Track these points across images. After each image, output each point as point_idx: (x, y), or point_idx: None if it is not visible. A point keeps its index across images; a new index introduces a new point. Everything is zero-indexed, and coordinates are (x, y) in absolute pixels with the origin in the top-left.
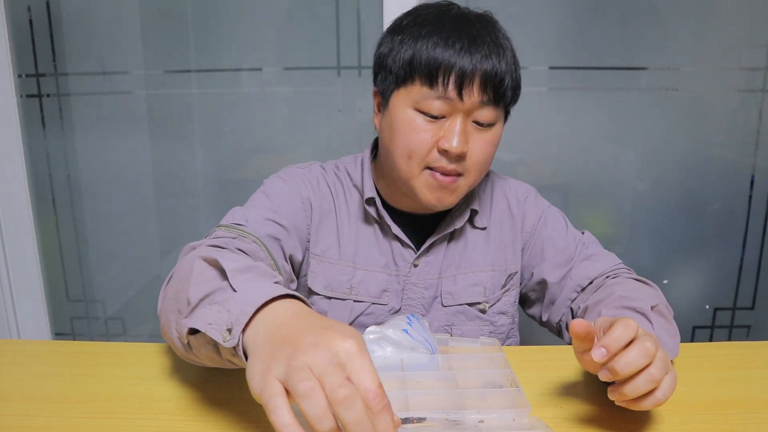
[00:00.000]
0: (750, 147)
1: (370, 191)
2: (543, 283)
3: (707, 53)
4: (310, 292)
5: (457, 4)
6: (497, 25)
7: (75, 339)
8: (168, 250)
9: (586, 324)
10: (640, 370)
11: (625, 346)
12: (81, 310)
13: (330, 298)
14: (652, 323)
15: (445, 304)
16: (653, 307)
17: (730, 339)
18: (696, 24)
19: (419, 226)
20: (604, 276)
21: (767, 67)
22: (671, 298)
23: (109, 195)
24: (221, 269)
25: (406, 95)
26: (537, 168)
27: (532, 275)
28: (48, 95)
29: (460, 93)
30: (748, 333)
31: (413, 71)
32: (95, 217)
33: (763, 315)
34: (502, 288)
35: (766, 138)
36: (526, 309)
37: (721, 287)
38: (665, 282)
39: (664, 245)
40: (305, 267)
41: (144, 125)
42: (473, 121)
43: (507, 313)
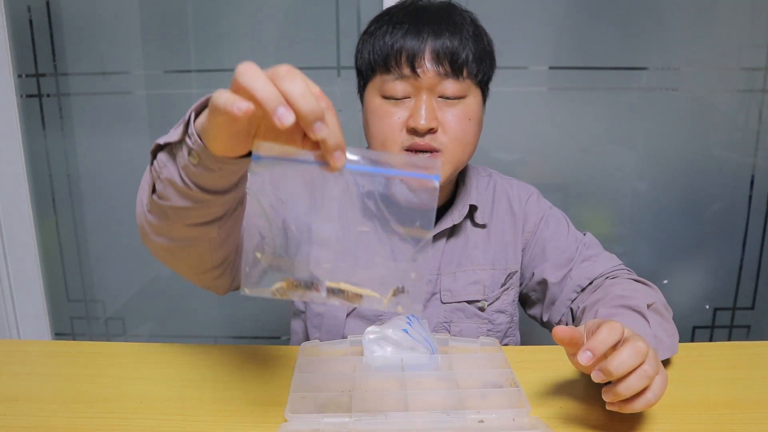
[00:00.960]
0: (750, 147)
1: None
2: (544, 283)
3: (707, 53)
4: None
5: (423, 2)
6: (454, 7)
7: (75, 339)
8: None
9: (567, 330)
10: (632, 369)
11: (614, 347)
12: (81, 310)
13: None
14: (648, 321)
15: (444, 301)
16: (650, 306)
17: (730, 339)
18: (696, 24)
19: None
20: (603, 277)
21: (767, 67)
22: (671, 298)
23: (109, 195)
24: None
25: (372, 88)
26: (537, 168)
27: (532, 275)
28: (48, 95)
29: (413, 70)
30: (748, 333)
31: (373, 63)
32: (95, 217)
33: (763, 315)
34: (501, 287)
35: (766, 138)
36: (527, 309)
37: (721, 287)
38: (665, 282)
39: (664, 245)
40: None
41: (144, 125)
42: (440, 97)
43: (506, 312)
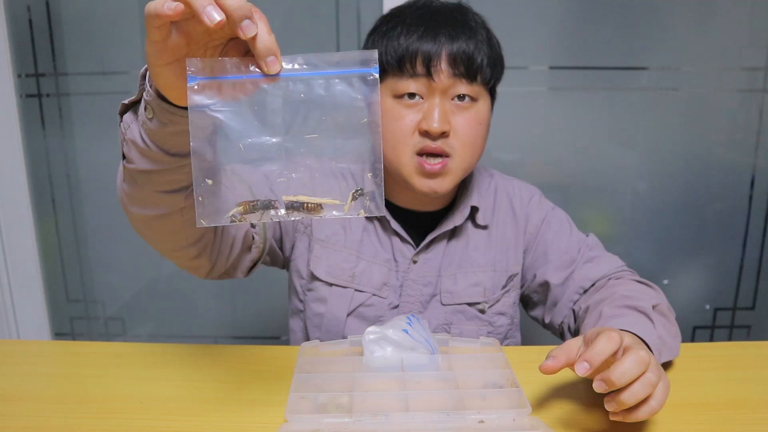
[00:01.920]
0: (750, 147)
1: None
2: (545, 285)
3: (707, 53)
4: (312, 277)
5: (437, 3)
6: (467, 10)
7: (75, 339)
8: None
9: (552, 365)
10: (635, 379)
11: (614, 355)
12: (81, 310)
13: (331, 285)
14: (653, 322)
15: (444, 302)
16: (655, 307)
17: (730, 339)
18: (696, 24)
19: (421, 223)
20: (606, 278)
21: (767, 67)
22: (671, 298)
23: (109, 195)
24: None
25: (384, 89)
26: (537, 168)
27: (534, 277)
28: (48, 95)
29: (429, 72)
30: (748, 333)
31: (385, 65)
32: (95, 217)
33: (763, 315)
34: (502, 289)
35: (766, 138)
36: (528, 311)
37: (721, 287)
38: (665, 282)
39: (664, 245)
40: (302, 251)
41: None
42: (453, 99)
43: (506, 314)
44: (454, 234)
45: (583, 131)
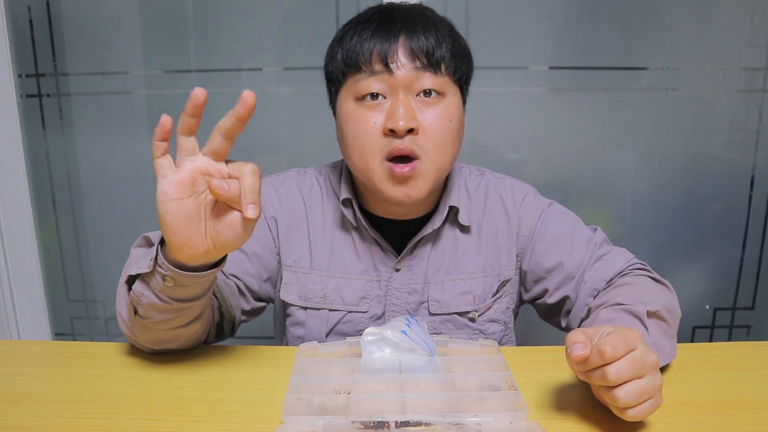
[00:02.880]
0: (750, 147)
1: (346, 192)
2: (562, 299)
3: (707, 53)
4: (284, 304)
5: (392, 3)
6: (427, 8)
7: (75, 339)
8: None
9: (582, 354)
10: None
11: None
12: (81, 310)
13: (306, 308)
14: (647, 329)
15: (432, 312)
16: (652, 313)
17: (730, 339)
18: (696, 24)
19: (402, 231)
20: (619, 275)
21: (767, 67)
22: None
23: (109, 195)
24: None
25: (345, 93)
26: (537, 168)
27: (538, 283)
28: (48, 95)
29: (387, 67)
30: (748, 333)
31: (344, 67)
32: (95, 217)
33: (763, 315)
34: (493, 296)
35: (766, 138)
36: (542, 317)
37: (721, 287)
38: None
39: (664, 245)
40: (279, 281)
41: (144, 125)
42: (417, 96)
43: (498, 321)
44: (437, 238)
45: (583, 131)
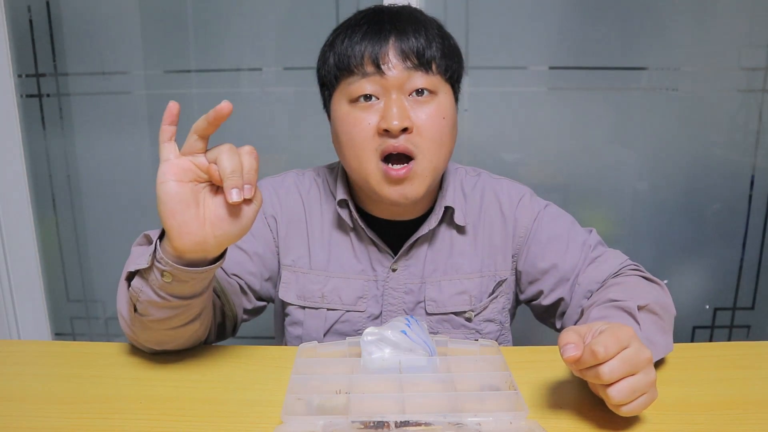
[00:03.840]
0: (750, 147)
1: (342, 194)
2: (556, 302)
3: (707, 53)
4: (283, 303)
5: (381, 5)
6: (416, 9)
7: (75, 339)
8: None
9: (575, 354)
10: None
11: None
12: (81, 310)
13: (304, 307)
14: (639, 323)
15: (429, 311)
16: (642, 307)
17: (730, 339)
18: (696, 24)
19: (399, 232)
20: (612, 276)
21: (767, 67)
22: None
23: (109, 195)
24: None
25: (338, 96)
26: (537, 168)
27: (533, 284)
28: (48, 95)
29: (379, 68)
30: (748, 333)
31: (336, 71)
32: (95, 217)
33: (763, 315)
34: (489, 296)
35: (766, 138)
36: (537, 317)
37: (721, 287)
38: (665, 282)
39: (664, 245)
40: (279, 280)
41: (144, 125)
42: (410, 95)
43: (494, 321)
44: (433, 238)
45: (583, 131)
